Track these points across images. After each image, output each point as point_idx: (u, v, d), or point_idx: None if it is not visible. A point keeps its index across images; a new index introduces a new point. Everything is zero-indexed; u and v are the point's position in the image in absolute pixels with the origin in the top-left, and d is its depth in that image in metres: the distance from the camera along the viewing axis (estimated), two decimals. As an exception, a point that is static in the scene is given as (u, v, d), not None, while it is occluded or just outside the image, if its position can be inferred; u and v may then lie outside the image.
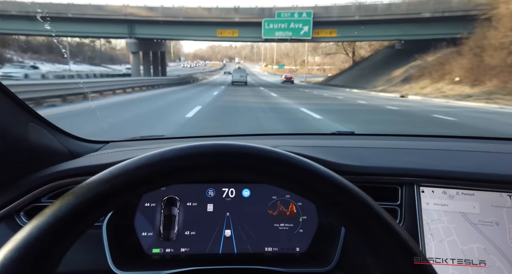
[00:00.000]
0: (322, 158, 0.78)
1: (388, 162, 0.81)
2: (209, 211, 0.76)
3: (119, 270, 0.67)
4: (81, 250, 0.56)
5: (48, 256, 0.30)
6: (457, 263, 0.68)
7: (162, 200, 0.75)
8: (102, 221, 0.70)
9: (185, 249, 0.75)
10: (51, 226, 0.30)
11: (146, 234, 0.74)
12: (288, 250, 0.77)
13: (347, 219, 0.35)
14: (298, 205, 0.79)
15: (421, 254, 0.34)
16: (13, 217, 0.70)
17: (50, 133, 0.80)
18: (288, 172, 0.35)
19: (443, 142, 1.16)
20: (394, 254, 0.34)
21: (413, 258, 0.33)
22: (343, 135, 1.28)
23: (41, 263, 0.29)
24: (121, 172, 0.33)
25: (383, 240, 0.34)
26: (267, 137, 1.28)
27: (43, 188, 0.71)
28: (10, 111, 0.68)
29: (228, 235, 0.76)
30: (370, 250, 0.35)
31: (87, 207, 0.32)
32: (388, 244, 0.34)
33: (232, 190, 0.78)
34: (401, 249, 0.34)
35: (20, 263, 0.28)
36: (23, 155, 0.71)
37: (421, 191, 0.74)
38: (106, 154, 0.88)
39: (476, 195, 0.72)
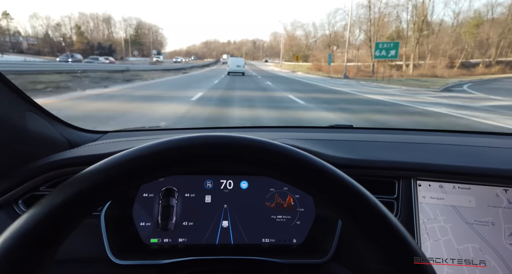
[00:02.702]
0: (320, 151, 0.78)
1: (385, 155, 0.81)
2: (207, 202, 0.77)
3: (117, 258, 0.67)
4: (79, 238, 0.56)
5: (45, 244, 0.30)
6: (452, 263, 0.69)
7: (160, 190, 0.76)
8: (101, 210, 0.70)
9: (183, 239, 0.75)
10: (47, 215, 0.30)
11: (144, 224, 0.75)
12: (285, 242, 0.78)
13: (343, 212, 0.35)
14: (296, 197, 0.79)
15: (416, 246, 0.34)
16: (11, 205, 0.70)
17: (48, 122, 0.80)
18: (286, 164, 0.35)
19: (440, 136, 1.16)
20: (389, 245, 0.34)
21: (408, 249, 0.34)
22: (341, 128, 1.28)
23: (38, 252, 0.30)
24: (118, 162, 0.33)
25: (378, 232, 0.34)
26: (264, 129, 1.28)
27: (41, 177, 0.71)
28: (7, 99, 0.68)
29: (226, 226, 0.76)
30: (366, 242, 0.35)
31: (84, 196, 0.32)
32: (383, 236, 0.34)
33: (230, 182, 0.78)
34: (396, 240, 0.34)
35: (17, 252, 0.28)
36: (21, 144, 0.70)
37: (417, 185, 0.75)
38: (104, 144, 0.87)
39: (472, 189, 0.73)
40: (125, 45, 70.57)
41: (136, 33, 79.45)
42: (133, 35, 78.22)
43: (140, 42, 77.90)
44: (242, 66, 25.45)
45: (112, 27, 79.13)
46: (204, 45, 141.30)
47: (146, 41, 79.78)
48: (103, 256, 0.67)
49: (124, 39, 74.90)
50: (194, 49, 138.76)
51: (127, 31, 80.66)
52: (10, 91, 0.68)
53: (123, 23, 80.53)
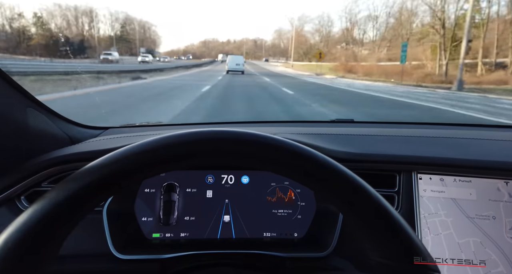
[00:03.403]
0: (321, 145, 0.78)
1: (386, 149, 0.81)
2: (208, 197, 0.77)
3: (119, 253, 0.68)
4: (82, 234, 0.57)
5: (47, 240, 0.30)
6: (452, 263, 0.69)
7: (161, 186, 0.76)
8: (103, 206, 0.70)
9: (185, 234, 0.76)
10: (50, 211, 0.30)
11: (146, 219, 0.75)
12: (286, 236, 0.78)
13: (344, 206, 0.35)
14: (297, 192, 0.79)
15: (417, 239, 0.34)
16: (14, 201, 0.70)
17: (49, 118, 0.80)
18: (288, 159, 0.35)
19: (441, 129, 1.16)
20: (390, 239, 0.34)
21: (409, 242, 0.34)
22: (342, 123, 1.28)
23: (41, 248, 0.30)
24: (120, 157, 0.33)
25: (379, 225, 0.34)
26: (266, 124, 1.28)
27: (43, 173, 0.71)
28: (8, 96, 0.68)
29: (227, 220, 0.77)
30: (366, 235, 0.35)
31: (86, 192, 0.32)
32: (383, 229, 0.34)
33: (231, 177, 0.79)
34: (396, 233, 0.34)
35: (20, 248, 0.29)
36: (22, 140, 0.71)
37: (418, 178, 0.75)
38: (106, 140, 0.88)
39: (473, 182, 0.73)
40: (110, 42, 62.84)
41: (122, 29, 71.30)
42: (120, 31, 70.31)
43: (127, 39, 70.55)
44: (241, 64, 24.87)
45: (95, 22, 68.56)
46: (202, 45, 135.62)
47: (135, 39, 73.04)
48: (106, 251, 0.68)
49: (109, 36, 67.37)
50: (192, 49, 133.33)
51: (114, 27, 72.21)
52: (11, 88, 0.68)
53: (110, 18, 71.28)
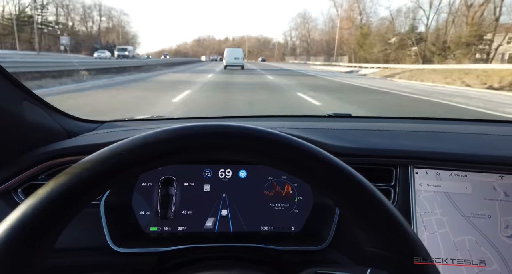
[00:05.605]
0: (318, 140, 0.79)
1: (383, 144, 0.81)
2: (206, 191, 0.77)
3: (117, 246, 0.68)
4: (79, 227, 0.57)
5: (43, 234, 0.30)
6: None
7: (159, 180, 0.76)
8: (100, 199, 0.70)
9: (182, 227, 0.76)
10: (45, 205, 0.30)
11: (144, 213, 0.75)
12: (283, 229, 0.79)
13: (341, 200, 0.36)
14: (294, 186, 0.80)
15: (411, 230, 0.35)
16: (10, 194, 0.70)
17: (46, 112, 0.80)
18: (285, 153, 0.35)
19: (437, 124, 1.17)
20: (386, 231, 0.35)
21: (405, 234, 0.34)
22: (339, 117, 1.28)
23: (37, 241, 0.30)
24: (116, 151, 0.33)
25: (375, 219, 0.35)
26: (263, 118, 1.28)
27: (39, 166, 0.71)
28: (4, 89, 0.67)
29: (225, 214, 0.77)
30: (361, 227, 0.36)
31: (82, 186, 0.32)
32: (379, 221, 0.35)
33: (229, 171, 0.79)
34: (391, 226, 0.34)
35: (16, 242, 0.29)
36: (19, 133, 0.70)
37: (415, 172, 0.75)
38: (103, 134, 0.87)
39: (469, 176, 0.73)
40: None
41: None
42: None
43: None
44: (240, 58, 24.04)
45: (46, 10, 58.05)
46: (196, 43, 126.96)
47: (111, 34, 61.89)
48: (103, 244, 0.68)
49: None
50: (185, 48, 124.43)
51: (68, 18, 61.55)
52: (7, 81, 0.68)
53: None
